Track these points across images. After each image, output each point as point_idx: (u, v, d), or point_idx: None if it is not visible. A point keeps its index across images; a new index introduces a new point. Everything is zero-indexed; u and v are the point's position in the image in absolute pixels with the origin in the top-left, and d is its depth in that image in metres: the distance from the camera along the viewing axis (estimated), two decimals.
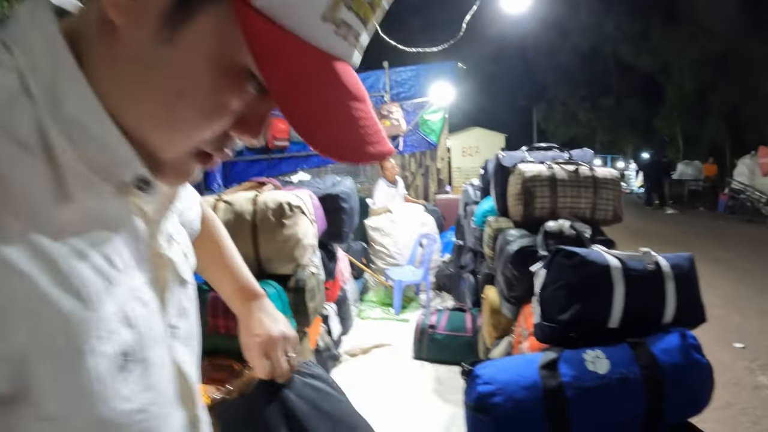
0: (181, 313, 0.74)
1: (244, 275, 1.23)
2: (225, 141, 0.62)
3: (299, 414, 1.08)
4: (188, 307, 0.77)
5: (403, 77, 9.66)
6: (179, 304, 0.74)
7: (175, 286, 0.73)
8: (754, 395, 4.23)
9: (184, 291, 0.76)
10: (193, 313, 0.80)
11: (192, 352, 0.77)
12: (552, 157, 3.20)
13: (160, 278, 0.68)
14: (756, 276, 8.15)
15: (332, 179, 4.76)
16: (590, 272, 1.87)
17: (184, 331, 0.74)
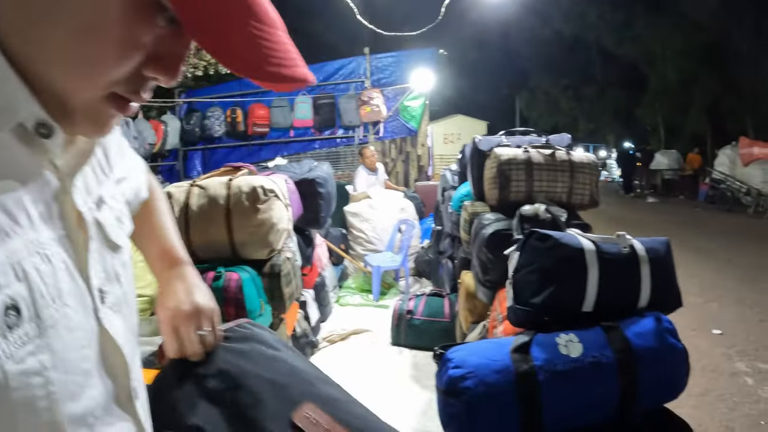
0: (111, 278, 0.71)
1: (169, 240, 1.15)
2: (140, 83, 0.59)
3: (220, 391, 0.97)
4: (121, 273, 0.74)
5: (383, 63, 9.64)
6: (110, 268, 0.71)
7: (103, 250, 0.70)
8: (732, 381, 4.26)
9: (116, 256, 0.73)
10: (127, 280, 0.76)
11: (125, 320, 0.73)
12: (529, 141, 3.17)
13: (78, 237, 0.64)
14: (735, 265, 8.22)
15: (309, 164, 4.72)
16: (564, 255, 1.84)
17: (114, 297, 0.70)
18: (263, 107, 9.59)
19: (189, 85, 10.98)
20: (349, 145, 9.93)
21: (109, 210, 0.74)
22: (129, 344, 0.72)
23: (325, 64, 9.91)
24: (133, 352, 0.74)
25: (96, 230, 0.68)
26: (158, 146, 9.06)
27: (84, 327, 0.62)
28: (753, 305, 6.17)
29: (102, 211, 0.71)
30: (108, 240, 0.71)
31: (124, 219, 0.80)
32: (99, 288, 0.66)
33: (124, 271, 0.75)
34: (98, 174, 0.74)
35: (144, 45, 0.56)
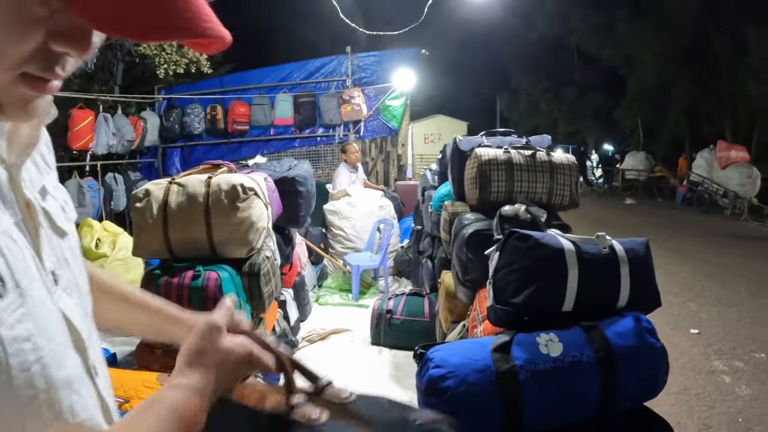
0: (62, 262, 0.72)
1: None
2: (51, 59, 0.57)
3: None
4: (69, 257, 0.75)
5: (365, 62, 9.64)
6: (60, 253, 0.72)
7: (52, 236, 0.72)
8: (710, 380, 4.32)
9: (64, 242, 0.75)
10: (76, 264, 0.77)
11: (78, 303, 0.74)
12: (510, 142, 3.19)
13: (30, 224, 0.66)
14: (712, 266, 8.34)
15: (289, 162, 4.70)
16: (544, 255, 1.84)
17: (65, 281, 0.71)
18: (243, 105, 9.54)
19: (169, 81, 10.90)
20: (330, 143, 9.90)
21: (53, 200, 0.76)
22: (85, 325, 0.73)
23: (306, 62, 9.88)
24: (90, 332, 0.75)
25: (44, 217, 0.70)
26: (137, 143, 8.95)
27: (51, 306, 0.64)
28: (730, 305, 6.27)
29: (47, 201, 0.73)
30: (55, 227, 0.73)
31: (67, 208, 0.81)
32: (52, 271, 0.68)
33: (72, 256, 0.77)
34: (40, 166, 0.76)
35: (41, 19, 0.53)
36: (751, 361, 4.72)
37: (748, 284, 7.22)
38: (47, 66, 0.57)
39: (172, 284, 3.00)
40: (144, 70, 11.42)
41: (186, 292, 2.96)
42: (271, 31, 26.28)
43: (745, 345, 5.06)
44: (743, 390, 4.16)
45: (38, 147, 0.75)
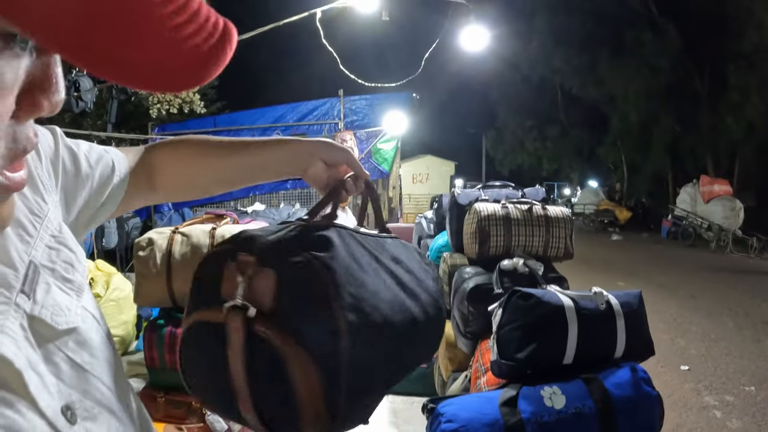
0: (74, 378, 0.59)
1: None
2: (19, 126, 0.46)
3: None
4: (84, 360, 0.61)
5: (357, 105, 9.76)
6: (68, 369, 0.59)
7: (51, 353, 0.57)
8: (701, 416, 4.41)
9: (71, 340, 0.61)
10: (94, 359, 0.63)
11: (112, 414, 0.62)
12: (506, 195, 3.30)
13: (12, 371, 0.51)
14: (698, 300, 8.46)
15: (287, 209, 4.79)
16: (545, 313, 1.95)
17: (90, 400, 0.60)
18: None
19: (162, 118, 11.00)
20: None
21: (50, 277, 0.61)
22: (131, 429, 0.64)
23: (298, 105, 9.99)
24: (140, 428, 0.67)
25: (33, 335, 0.55)
26: None
27: None
28: (718, 339, 6.38)
29: (38, 294, 0.57)
30: (54, 332, 0.58)
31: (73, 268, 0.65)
32: (63, 407, 0.55)
33: (88, 351, 0.63)
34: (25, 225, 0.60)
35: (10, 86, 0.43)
36: (741, 394, 4.82)
37: (734, 317, 7.36)
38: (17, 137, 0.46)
39: (176, 334, 3.03)
40: (137, 106, 11.50)
41: None
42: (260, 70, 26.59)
43: (734, 379, 5.17)
44: (734, 423, 4.26)
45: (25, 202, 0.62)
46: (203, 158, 0.97)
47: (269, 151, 0.98)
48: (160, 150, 0.97)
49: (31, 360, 0.53)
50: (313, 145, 0.98)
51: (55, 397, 0.54)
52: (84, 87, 7.13)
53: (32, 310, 0.56)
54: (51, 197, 0.67)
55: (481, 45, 6.96)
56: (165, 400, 3.00)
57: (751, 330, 6.76)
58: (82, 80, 7.12)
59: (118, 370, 0.68)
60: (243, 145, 0.98)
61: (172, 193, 1.01)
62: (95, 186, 0.81)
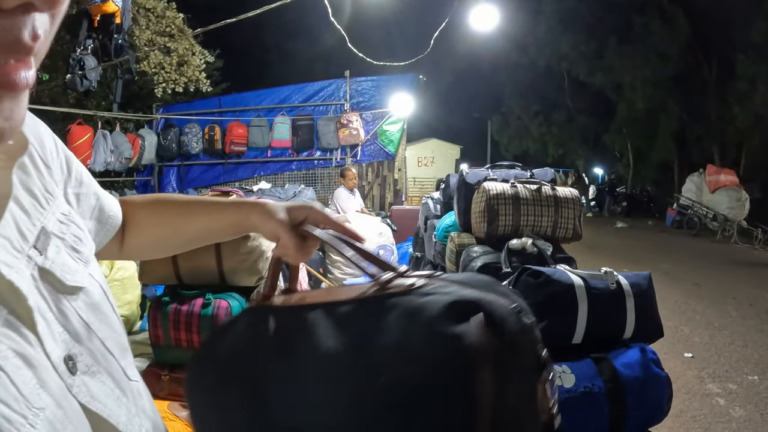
0: (79, 333, 0.58)
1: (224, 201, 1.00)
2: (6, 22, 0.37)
3: None
4: (90, 318, 0.61)
5: (363, 87, 9.75)
6: (75, 321, 0.58)
7: (60, 302, 0.57)
8: (705, 403, 4.40)
9: (79, 299, 0.60)
10: (101, 322, 0.63)
11: (110, 375, 0.61)
12: (515, 175, 3.27)
13: (24, 306, 0.50)
14: (703, 289, 8.44)
15: (293, 188, 4.77)
16: (555, 291, 1.93)
17: (88, 356, 0.58)
18: (242, 126, 9.61)
19: (167, 99, 10.98)
20: (327, 167, 9.99)
21: (60, 243, 0.60)
22: (123, 399, 0.62)
23: (304, 86, 9.99)
24: (132, 404, 0.64)
25: (43, 284, 0.55)
26: (134, 160, 8.98)
27: (71, 416, 0.51)
28: (722, 328, 6.36)
29: (49, 252, 0.57)
30: (64, 287, 0.58)
31: (80, 246, 0.65)
32: (66, 356, 0.54)
33: (95, 313, 0.62)
34: (38, 198, 0.59)
35: None
36: (744, 383, 4.81)
37: (738, 306, 7.34)
38: (7, 37, 0.37)
39: (181, 311, 3.01)
40: (141, 87, 11.46)
41: (196, 320, 2.98)
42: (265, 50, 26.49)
43: (738, 367, 5.16)
44: (737, 412, 4.25)
45: (38, 173, 0.61)
46: (178, 220, 0.95)
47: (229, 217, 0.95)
48: (136, 208, 0.95)
49: (39, 305, 0.52)
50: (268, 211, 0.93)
51: (59, 344, 0.54)
52: (88, 65, 7.09)
53: (43, 264, 0.56)
54: (57, 186, 0.67)
55: (491, 25, 6.89)
56: (169, 377, 3.00)
57: (755, 320, 6.74)
58: (86, 59, 7.08)
59: (122, 340, 0.68)
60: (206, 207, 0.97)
61: (137, 253, 0.98)
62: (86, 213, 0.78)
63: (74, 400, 0.52)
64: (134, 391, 0.66)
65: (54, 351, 0.52)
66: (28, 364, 0.47)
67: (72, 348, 0.55)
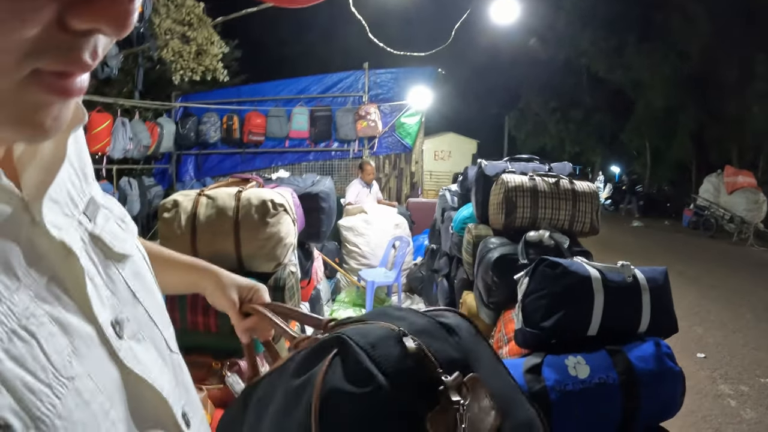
0: (126, 299, 0.58)
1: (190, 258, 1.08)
2: (71, 42, 0.39)
3: None
4: (137, 287, 0.61)
5: (382, 79, 9.76)
6: (122, 288, 0.58)
7: (108, 268, 0.57)
8: (716, 403, 4.40)
9: (126, 268, 0.61)
10: (146, 291, 0.64)
11: (154, 343, 0.62)
12: (533, 168, 3.28)
13: (71, 271, 0.50)
14: (717, 290, 8.39)
15: (312, 178, 4.76)
16: (572, 282, 1.95)
17: (135, 323, 0.58)
18: (260, 116, 9.65)
19: (185, 89, 11.03)
20: (344, 158, 10.01)
21: (107, 215, 0.61)
22: (165, 369, 0.62)
23: (323, 77, 10.00)
24: (173, 375, 0.64)
25: (93, 249, 0.55)
26: (153, 148, 9.05)
27: (104, 386, 0.50)
28: (735, 330, 6.34)
29: (98, 220, 0.58)
30: (112, 254, 0.58)
31: (126, 219, 0.67)
32: (113, 320, 0.54)
33: (140, 282, 0.63)
34: (79, 174, 0.58)
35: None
36: (756, 385, 4.80)
37: (753, 309, 7.29)
38: (68, 54, 0.39)
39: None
40: (160, 76, 11.53)
41: None
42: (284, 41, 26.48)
43: (750, 370, 5.14)
44: (748, 413, 4.24)
45: (78, 152, 0.59)
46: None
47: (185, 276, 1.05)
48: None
49: (89, 268, 0.52)
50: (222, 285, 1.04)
51: (107, 308, 0.53)
52: (109, 53, 7.14)
53: (93, 230, 0.56)
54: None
55: (511, 18, 6.86)
56: (186, 361, 3.04)
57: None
58: None
59: (164, 312, 0.69)
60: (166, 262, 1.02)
61: None
62: None
63: (114, 369, 0.52)
64: (175, 363, 0.66)
65: (102, 314, 0.51)
66: (65, 331, 0.46)
67: (119, 313, 0.55)
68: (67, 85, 0.41)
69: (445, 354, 0.72)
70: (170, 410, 0.59)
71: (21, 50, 0.36)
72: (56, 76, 0.40)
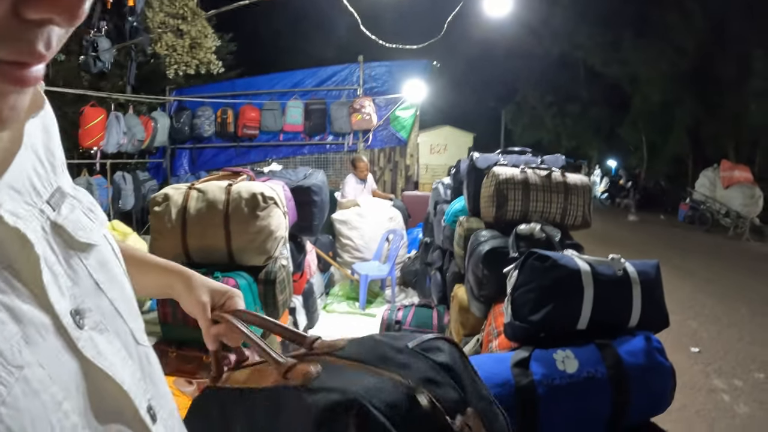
0: (88, 289, 0.57)
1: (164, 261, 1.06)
2: (24, 31, 0.40)
3: None
4: (101, 278, 0.60)
5: (376, 72, 9.73)
6: (83, 279, 0.57)
7: (70, 258, 0.56)
8: (709, 398, 4.39)
9: (90, 258, 0.60)
10: (112, 283, 0.63)
11: (118, 335, 0.60)
12: (525, 161, 3.26)
13: (25, 259, 0.49)
14: (713, 284, 8.40)
15: (304, 171, 4.75)
16: (561, 275, 1.93)
17: (98, 313, 0.57)
18: (254, 109, 9.63)
19: (179, 82, 10.99)
20: (339, 151, 10.00)
21: (73, 205, 0.60)
22: (129, 362, 0.60)
23: (318, 70, 9.98)
24: (138, 368, 0.62)
25: (54, 238, 0.54)
26: (147, 143, 9.05)
27: (58, 376, 0.48)
28: (730, 325, 6.33)
29: (63, 209, 0.57)
30: (74, 243, 0.57)
31: (96, 209, 0.65)
32: (74, 309, 0.53)
33: (105, 273, 0.62)
34: (50, 165, 0.58)
35: None
36: (750, 380, 4.79)
37: (749, 303, 7.29)
38: (24, 45, 0.40)
39: None
40: (154, 70, 11.49)
41: None
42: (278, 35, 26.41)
43: (744, 365, 5.13)
44: (742, 408, 4.24)
45: (45, 141, 0.58)
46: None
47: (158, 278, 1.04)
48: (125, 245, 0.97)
49: (47, 256, 0.52)
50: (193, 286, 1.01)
51: (66, 298, 0.52)
52: (102, 47, 7.12)
53: (56, 219, 0.55)
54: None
55: (504, 10, 6.83)
56: (177, 354, 3.03)
57: (764, 317, 6.69)
58: (100, 41, 7.10)
59: (132, 304, 0.67)
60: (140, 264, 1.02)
61: None
62: None
63: (71, 360, 0.51)
64: (142, 356, 0.65)
65: (60, 302, 0.51)
66: (15, 319, 0.46)
67: (80, 303, 0.54)
68: (22, 74, 0.42)
69: (448, 398, 0.78)
70: (132, 403, 0.57)
71: None
72: (11, 66, 0.41)
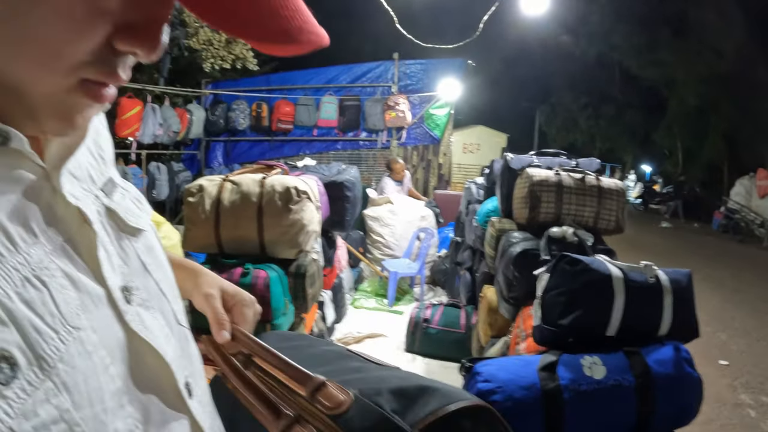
0: (137, 270, 0.62)
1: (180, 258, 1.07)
2: (113, 60, 0.48)
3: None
4: (148, 260, 0.65)
5: (411, 70, 9.71)
6: (134, 259, 0.62)
7: (122, 240, 0.61)
8: (735, 413, 4.31)
9: (139, 242, 0.64)
10: (157, 266, 0.67)
11: (162, 314, 0.64)
12: (559, 163, 3.24)
13: (85, 237, 0.54)
14: (744, 296, 8.23)
15: (338, 167, 4.78)
16: (592, 280, 1.92)
17: (144, 292, 0.61)
18: (289, 104, 9.68)
19: (215, 76, 11.09)
20: (372, 148, 10.00)
21: (123, 194, 0.66)
22: (172, 339, 0.63)
23: (353, 66, 9.99)
24: (179, 346, 0.65)
25: (108, 221, 0.59)
26: (182, 134, 9.16)
27: (107, 342, 0.52)
28: (760, 338, 6.21)
29: (114, 196, 0.63)
30: (126, 227, 0.62)
31: (142, 200, 0.71)
32: (123, 286, 0.57)
33: (151, 255, 0.66)
34: (102, 158, 0.65)
35: (109, 10, 0.45)
36: None
37: None
38: (109, 69, 0.48)
39: None
40: (190, 63, 11.63)
41: None
42: None
43: None
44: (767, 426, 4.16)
45: (95, 137, 0.65)
46: None
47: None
48: None
49: (102, 235, 0.57)
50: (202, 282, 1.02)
51: (117, 275, 0.57)
52: None
53: (109, 204, 0.61)
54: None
55: (541, 9, 6.78)
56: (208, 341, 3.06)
57: None
58: None
59: (175, 287, 0.72)
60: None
61: None
62: None
63: (119, 330, 0.55)
64: (182, 336, 0.68)
65: (111, 278, 0.55)
66: (75, 287, 0.50)
67: (129, 281, 0.59)
68: (103, 93, 0.50)
69: None
70: (172, 377, 0.61)
71: (77, 62, 0.46)
72: (97, 85, 0.49)
